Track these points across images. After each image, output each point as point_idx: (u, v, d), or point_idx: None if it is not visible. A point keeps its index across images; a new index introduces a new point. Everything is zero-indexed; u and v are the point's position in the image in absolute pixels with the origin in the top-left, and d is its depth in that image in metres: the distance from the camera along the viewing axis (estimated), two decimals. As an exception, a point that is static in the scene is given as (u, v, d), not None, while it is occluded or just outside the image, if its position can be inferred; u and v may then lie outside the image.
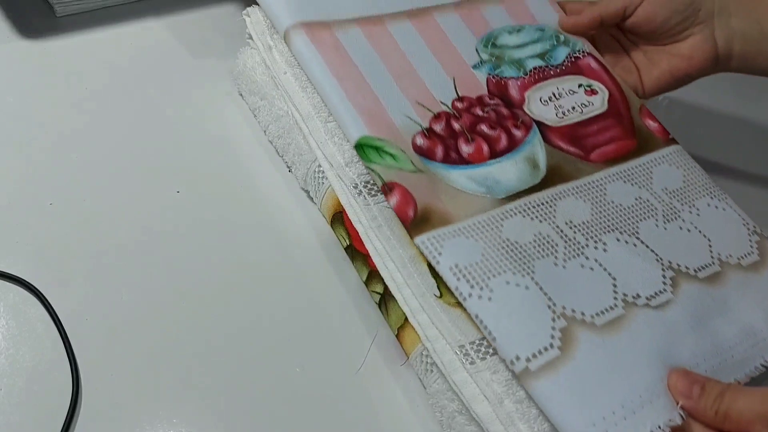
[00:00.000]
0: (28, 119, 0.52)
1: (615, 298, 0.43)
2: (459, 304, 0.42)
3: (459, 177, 0.47)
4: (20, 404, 0.40)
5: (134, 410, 0.41)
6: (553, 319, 0.41)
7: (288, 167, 0.53)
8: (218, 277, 0.47)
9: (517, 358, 0.39)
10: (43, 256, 0.46)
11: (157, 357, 0.43)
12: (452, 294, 0.42)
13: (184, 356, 0.44)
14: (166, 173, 0.51)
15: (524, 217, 0.45)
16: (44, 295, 0.44)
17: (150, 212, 0.49)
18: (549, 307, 0.41)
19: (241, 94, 0.57)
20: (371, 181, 0.46)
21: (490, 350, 0.41)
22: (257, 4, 0.53)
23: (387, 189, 0.45)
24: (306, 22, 0.50)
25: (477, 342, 0.41)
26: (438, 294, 0.42)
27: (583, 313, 0.42)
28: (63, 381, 0.41)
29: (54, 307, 0.43)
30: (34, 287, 0.44)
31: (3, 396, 0.40)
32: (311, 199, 0.52)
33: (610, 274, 0.44)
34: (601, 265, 0.45)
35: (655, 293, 0.44)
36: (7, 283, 0.44)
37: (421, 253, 0.43)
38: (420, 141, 0.47)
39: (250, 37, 0.54)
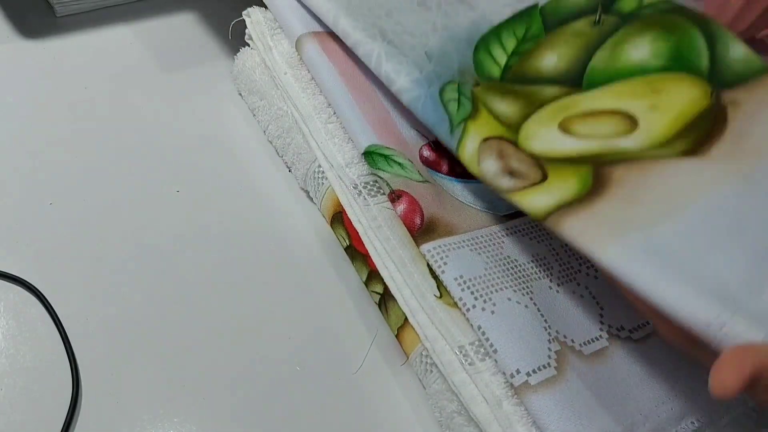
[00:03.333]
0: (28, 119, 0.52)
1: (600, 329, 0.43)
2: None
3: (463, 190, 0.47)
4: (20, 404, 0.40)
5: (134, 410, 0.41)
6: (549, 341, 0.41)
7: (288, 167, 0.53)
8: (218, 276, 0.47)
9: (518, 372, 0.39)
10: (43, 256, 0.46)
11: (156, 356, 0.43)
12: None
13: (184, 356, 0.44)
14: (166, 173, 0.52)
15: (523, 236, 0.46)
16: (44, 295, 0.44)
17: (150, 212, 0.49)
18: (545, 329, 0.42)
19: (240, 94, 0.57)
20: (371, 182, 0.46)
21: (490, 352, 0.41)
22: (257, 4, 0.54)
23: (395, 197, 0.45)
24: (318, 32, 0.51)
25: (477, 343, 0.41)
26: (438, 294, 0.42)
27: (573, 341, 0.42)
28: (63, 381, 0.41)
29: (54, 307, 0.43)
30: (34, 287, 0.44)
31: (3, 396, 0.40)
32: (311, 199, 0.52)
33: (598, 303, 0.45)
34: (590, 293, 0.45)
35: (638, 326, 0.44)
36: (7, 283, 0.44)
37: (424, 257, 0.43)
38: (427, 153, 0.48)
39: (250, 38, 0.54)
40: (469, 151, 0.42)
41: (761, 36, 0.74)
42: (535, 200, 0.38)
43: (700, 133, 0.41)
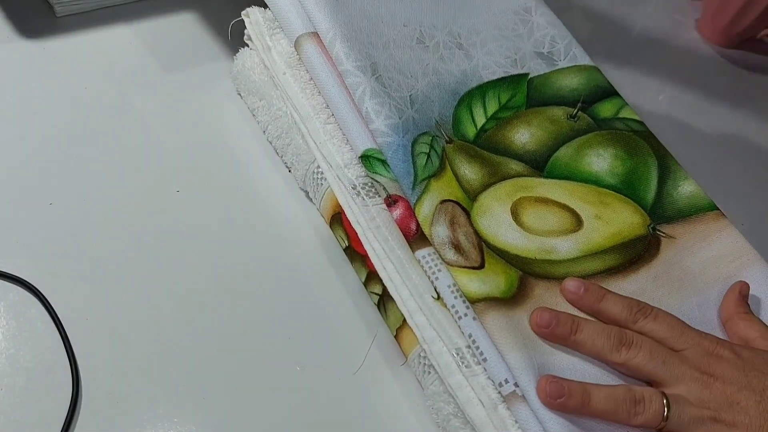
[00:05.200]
0: (28, 119, 0.53)
1: None
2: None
3: None
4: (20, 404, 0.40)
5: (134, 410, 0.41)
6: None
7: (287, 167, 0.53)
8: (217, 276, 0.47)
9: (506, 381, 0.39)
10: (43, 256, 0.46)
11: (157, 356, 0.43)
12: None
13: (184, 356, 0.44)
14: (166, 173, 0.52)
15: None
16: (44, 295, 0.44)
17: (150, 212, 0.49)
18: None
19: (239, 95, 0.57)
20: (370, 183, 0.46)
21: (480, 360, 0.41)
22: (257, 4, 0.54)
23: (391, 201, 0.45)
24: (316, 32, 0.50)
25: (473, 345, 0.41)
26: (435, 296, 0.43)
27: None
28: (63, 381, 0.41)
29: (54, 307, 0.43)
30: (34, 287, 0.44)
31: (3, 396, 0.40)
32: (310, 199, 0.52)
33: None
34: None
35: None
36: (7, 283, 0.44)
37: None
38: None
39: (249, 38, 0.54)
40: (425, 211, 0.44)
41: (761, 36, 0.74)
42: (472, 284, 0.42)
43: (632, 254, 0.46)
